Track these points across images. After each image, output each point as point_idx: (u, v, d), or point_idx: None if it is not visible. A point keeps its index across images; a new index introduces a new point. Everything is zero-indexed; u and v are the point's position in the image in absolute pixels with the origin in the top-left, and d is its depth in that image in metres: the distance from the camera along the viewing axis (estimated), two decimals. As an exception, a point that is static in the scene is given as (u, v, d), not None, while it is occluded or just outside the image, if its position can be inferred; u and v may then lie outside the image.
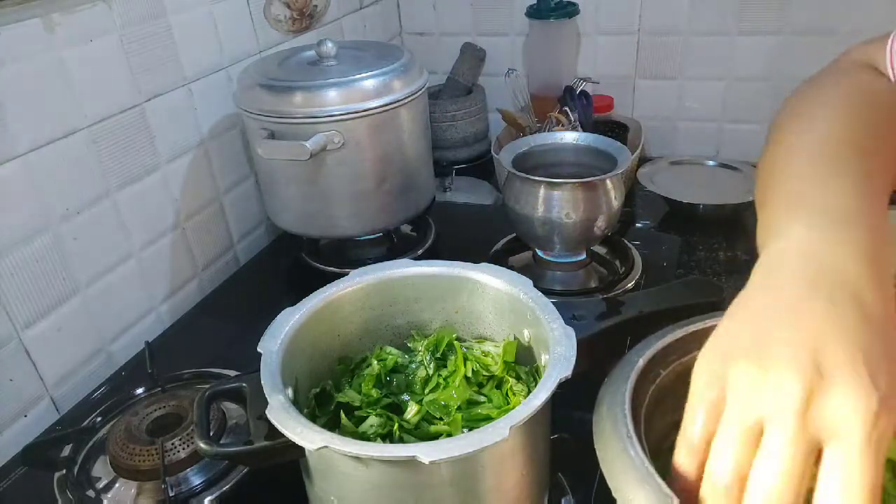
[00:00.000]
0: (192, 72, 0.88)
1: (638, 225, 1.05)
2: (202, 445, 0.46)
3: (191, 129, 0.90)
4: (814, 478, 0.32)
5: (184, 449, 0.60)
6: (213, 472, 0.60)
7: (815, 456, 0.32)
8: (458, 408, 0.52)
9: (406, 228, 1.03)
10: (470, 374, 0.55)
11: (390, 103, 0.83)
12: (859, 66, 0.53)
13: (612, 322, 0.58)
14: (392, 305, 0.60)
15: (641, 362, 0.48)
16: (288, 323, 0.53)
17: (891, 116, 0.47)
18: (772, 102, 1.19)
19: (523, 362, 0.56)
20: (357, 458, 0.42)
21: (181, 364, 0.75)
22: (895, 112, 0.47)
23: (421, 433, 0.51)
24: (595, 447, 0.43)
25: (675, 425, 0.41)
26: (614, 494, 0.40)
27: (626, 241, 0.94)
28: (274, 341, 0.51)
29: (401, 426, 0.51)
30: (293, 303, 0.55)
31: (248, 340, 0.53)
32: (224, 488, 0.58)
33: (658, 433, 0.49)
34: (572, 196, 0.80)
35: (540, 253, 0.90)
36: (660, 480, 0.38)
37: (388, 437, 0.50)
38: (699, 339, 0.51)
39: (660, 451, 0.49)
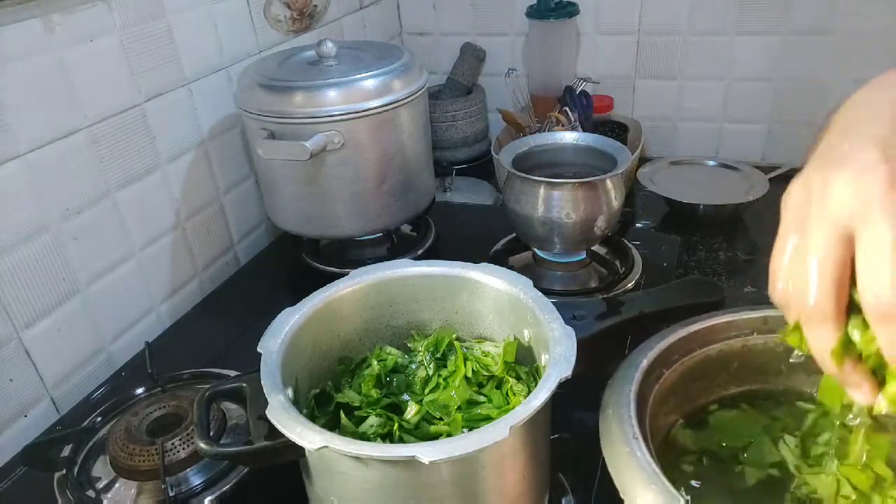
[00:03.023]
0: (192, 72, 0.88)
1: (638, 225, 1.05)
2: (202, 445, 0.46)
3: (191, 129, 0.90)
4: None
5: (184, 449, 0.60)
6: (213, 472, 0.60)
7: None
8: (458, 408, 0.52)
9: (406, 228, 1.03)
10: (470, 375, 0.55)
11: (390, 103, 0.83)
12: None
13: (612, 322, 0.59)
14: (392, 305, 0.60)
15: (645, 363, 0.48)
16: (288, 323, 0.53)
17: None
18: (772, 102, 1.19)
19: (523, 362, 0.56)
20: (357, 458, 0.42)
21: (181, 364, 0.75)
22: None
23: (421, 433, 0.51)
24: (602, 448, 0.43)
25: (680, 423, 0.40)
26: (622, 495, 0.40)
27: (626, 241, 0.94)
28: (274, 341, 0.51)
29: (401, 426, 0.51)
30: (293, 303, 0.55)
31: (248, 340, 0.53)
32: (224, 488, 0.58)
33: (663, 432, 0.49)
34: (572, 196, 0.80)
35: (540, 253, 0.90)
36: (666, 481, 0.38)
37: (388, 437, 0.50)
38: (701, 338, 0.52)
39: (665, 448, 0.49)
